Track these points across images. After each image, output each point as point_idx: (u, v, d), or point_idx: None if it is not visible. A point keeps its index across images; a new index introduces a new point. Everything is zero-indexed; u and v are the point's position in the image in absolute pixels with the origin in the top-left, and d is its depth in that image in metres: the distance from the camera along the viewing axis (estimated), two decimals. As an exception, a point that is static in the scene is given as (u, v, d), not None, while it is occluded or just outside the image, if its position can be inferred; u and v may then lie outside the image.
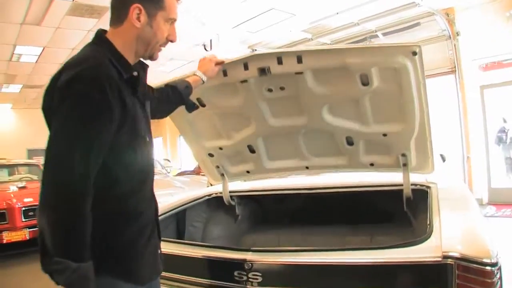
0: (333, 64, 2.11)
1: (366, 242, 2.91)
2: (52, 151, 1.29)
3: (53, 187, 1.25)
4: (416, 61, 2.01)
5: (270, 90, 2.35)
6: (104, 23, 1.58)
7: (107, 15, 1.55)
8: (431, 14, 7.43)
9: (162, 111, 2.01)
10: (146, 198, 1.57)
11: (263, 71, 2.19)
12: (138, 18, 1.46)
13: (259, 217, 3.56)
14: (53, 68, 9.85)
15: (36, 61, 9.87)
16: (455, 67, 7.78)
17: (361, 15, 7.61)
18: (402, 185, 2.53)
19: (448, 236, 1.72)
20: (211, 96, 2.49)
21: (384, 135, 2.42)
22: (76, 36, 8.09)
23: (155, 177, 5.45)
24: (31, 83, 11.95)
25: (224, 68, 2.25)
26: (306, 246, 3.01)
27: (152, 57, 1.58)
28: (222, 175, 3.01)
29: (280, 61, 2.15)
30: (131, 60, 1.51)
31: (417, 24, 7.93)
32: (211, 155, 2.89)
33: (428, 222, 1.94)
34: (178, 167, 14.54)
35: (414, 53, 1.98)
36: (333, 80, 2.23)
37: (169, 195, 6.66)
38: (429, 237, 1.76)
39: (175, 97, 1.99)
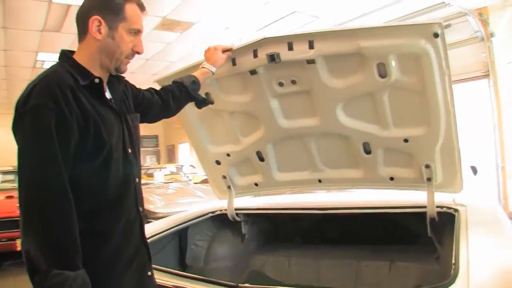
0: (347, 49, 1.89)
1: (385, 268, 2.61)
2: (22, 172, 1.28)
3: (32, 206, 1.25)
4: (438, 45, 1.74)
5: (281, 84, 2.15)
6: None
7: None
8: (462, 15, 7.03)
9: (169, 110, 1.95)
10: (125, 216, 1.46)
11: (272, 58, 2.00)
12: (99, 30, 1.43)
13: (269, 237, 3.29)
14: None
15: (59, 67, 9.81)
16: (488, 71, 7.34)
17: (388, 17, 7.27)
18: (425, 206, 2.21)
19: (478, 281, 1.39)
20: (220, 90, 2.33)
21: (405, 140, 2.14)
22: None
23: (177, 184, 5.45)
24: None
25: (232, 56, 2.10)
26: (318, 270, 2.77)
27: (118, 70, 1.53)
28: (229, 187, 2.79)
29: (290, 47, 1.95)
30: (97, 72, 1.46)
31: (448, 25, 7.53)
32: (218, 162, 2.69)
33: (453, 260, 1.60)
34: (203, 174, 14.42)
35: (436, 35, 1.71)
36: (348, 72, 2.00)
37: (187, 204, 6.52)
38: (454, 281, 1.43)
39: (182, 94, 1.95)
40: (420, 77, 1.88)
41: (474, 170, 4.08)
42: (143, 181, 6.82)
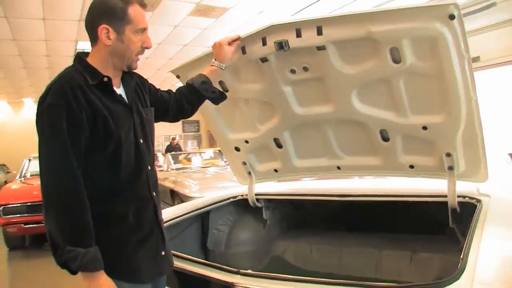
0: (357, 35, 1.81)
1: (406, 259, 2.55)
2: (41, 162, 1.47)
3: (50, 192, 1.43)
4: (455, 28, 1.62)
5: (293, 72, 2.11)
6: (156, 15, 1.59)
7: (160, 7, 1.47)
8: (508, -7, 6.68)
9: (185, 112, 2.05)
10: (137, 200, 1.62)
11: (280, 45, 1.96)
12: (108, 37, 1.55)
13: (292, 223, 3.28)
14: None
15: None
16: (535, 52, 6.95)
17: (428, -3, 7.01)
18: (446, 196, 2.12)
19: (484, 279, 1.29)
20: (233, 79, 2.31)
21: (424, 128, 2.05)
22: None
23: (215, 169, 5.62)
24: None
25: (242, 44, 2.07)
26: (339, 258, 2.74)
27: (130, 67, 1.66)
28: (249, 173, 2.80)
29: (299, 34, 1.90)
30: (109, 72, 1.59)
31: (493, 4, 7.17)
32: (237, 149, 2.70)
33: (462, 254, 1.49)
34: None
35: (452, 17, 1.59)
36: (360, 57, 1.93)
37: (222, 188, 6.57)
38: (458, 278, 1.34)
39: (193, 95, 2.03)
40: (437, 62, 1.78)
41: (513, 158, 3.93)
42: (180, 166, 7.05)
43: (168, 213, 2.64)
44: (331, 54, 1.94)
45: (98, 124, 1.50)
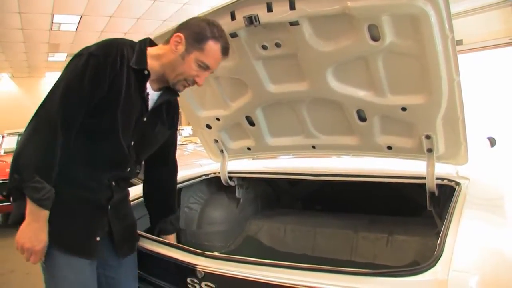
0: (333, 10, 1.69)
1: (383, 241, 2.50)
2: (56, 87, 1.51)
3: (51, 115, 1.46)
4: (439, 5, 1.51)
5: (264, 48, 2.00)
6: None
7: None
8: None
9: (149, 160, 1.97)
10: (97, 179, 1.65)
11: (250, 21, 1.84)
12: (176, 46, 1.61)
13: (267, 202, 3.22)
14: (94, 36, 9.94)
15: (76, 30, 9.95)
16: (517, 37, 6.95)
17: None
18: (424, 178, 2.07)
19: (462, 267, 1.23)
20: None
21: (403, 109, 1.96)
22: (112, 4, 7.94)
23: (193, 146, 5.57)
24: (75, 51, 12.01)
25: (209, 18, 1.93)
26: (314, 239, 2.70)
27: (174, 87, 1.70)
28: (222, 151, 2.72)
29: (270, 8, 1.79)
30: (157, 75, 1.65)
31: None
32: (208, 126, 2.60)
33: (438, 240, 1.44)
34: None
35: None
36: (336, 34, 1.82)
37: (199, 165, 6.40)
38: (435, 264, 1.28)
39: (163, 198, 2.14)
40: (419, 41, 1.67)
41: (492, 141, 3.89)
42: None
43: (138, 190, 2.53)
44: (305, 30, 1.82)
45: (112, 93, 1.53)
